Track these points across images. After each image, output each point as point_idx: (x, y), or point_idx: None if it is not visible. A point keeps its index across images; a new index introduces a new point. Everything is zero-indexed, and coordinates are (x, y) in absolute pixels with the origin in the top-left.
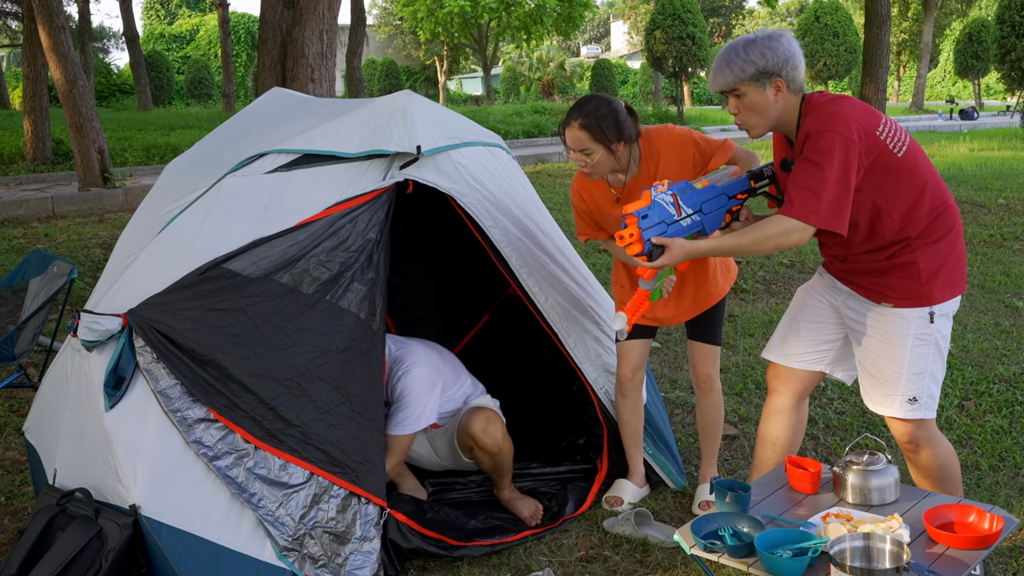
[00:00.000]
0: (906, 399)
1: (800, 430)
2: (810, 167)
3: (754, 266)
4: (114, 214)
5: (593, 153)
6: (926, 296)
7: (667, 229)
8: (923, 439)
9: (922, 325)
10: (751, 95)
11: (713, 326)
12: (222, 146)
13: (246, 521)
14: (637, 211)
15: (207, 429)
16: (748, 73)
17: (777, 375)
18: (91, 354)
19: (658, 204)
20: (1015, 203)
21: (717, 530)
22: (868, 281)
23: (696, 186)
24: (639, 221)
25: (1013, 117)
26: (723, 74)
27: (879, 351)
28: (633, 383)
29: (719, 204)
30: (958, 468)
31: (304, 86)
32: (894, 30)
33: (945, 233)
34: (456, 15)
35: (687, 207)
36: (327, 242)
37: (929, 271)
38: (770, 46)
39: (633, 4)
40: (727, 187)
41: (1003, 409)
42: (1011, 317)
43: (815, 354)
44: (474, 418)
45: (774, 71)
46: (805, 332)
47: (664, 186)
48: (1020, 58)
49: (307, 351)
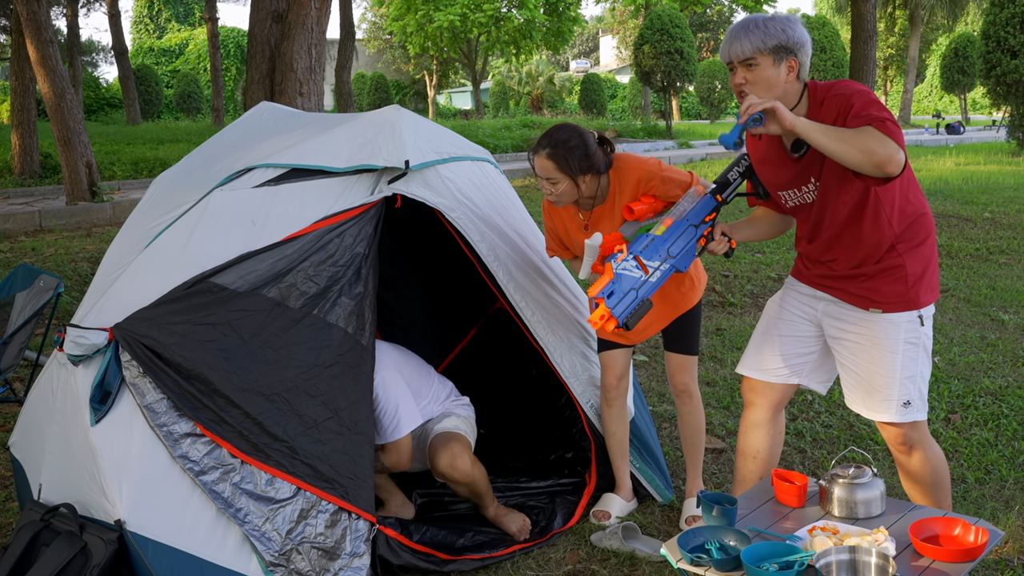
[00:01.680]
0: (901, 403)
1: (779, 441)
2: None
3: (742, 279)
4: (102, 228)
5: (559, 183)
6: (914, 300)
7: (637, 294)
8: (916, 441)
9: (912, 329)
10: (765, 68)
11: (688, 336)
12: (210, 160)
13: (232, 536)
14: (602, 291)
15: (193, 444)
16: (769, 45)
17: (753, 388)
18: (77, 368)
19: (620, 276)
20: (1001, 217)
21: (704, 544)
22: (854, 287)
23: (657, 232)
24: (606, 301)
25: (999, 132)
26: (741, 42)
27: (870, 358)
28: (618, 391)
29: (688, 238)
30: (948, 473)
31: (293, 100)
32: (881, 45)
33: (926, 237)
34: (446, 29)
35: (653, 261)
36: (315, 256)
37: (915, 275)
38: (791, 25)
39: (622, 19)
40: (691, 216)
41: (989, 422)
42: (997, 330)
43: (791, 367)
44: (440, 454)
45: (793, 49)
46: (781, 346)
47: (623, 253)
48: (1005, 73)
49: (294, 366)
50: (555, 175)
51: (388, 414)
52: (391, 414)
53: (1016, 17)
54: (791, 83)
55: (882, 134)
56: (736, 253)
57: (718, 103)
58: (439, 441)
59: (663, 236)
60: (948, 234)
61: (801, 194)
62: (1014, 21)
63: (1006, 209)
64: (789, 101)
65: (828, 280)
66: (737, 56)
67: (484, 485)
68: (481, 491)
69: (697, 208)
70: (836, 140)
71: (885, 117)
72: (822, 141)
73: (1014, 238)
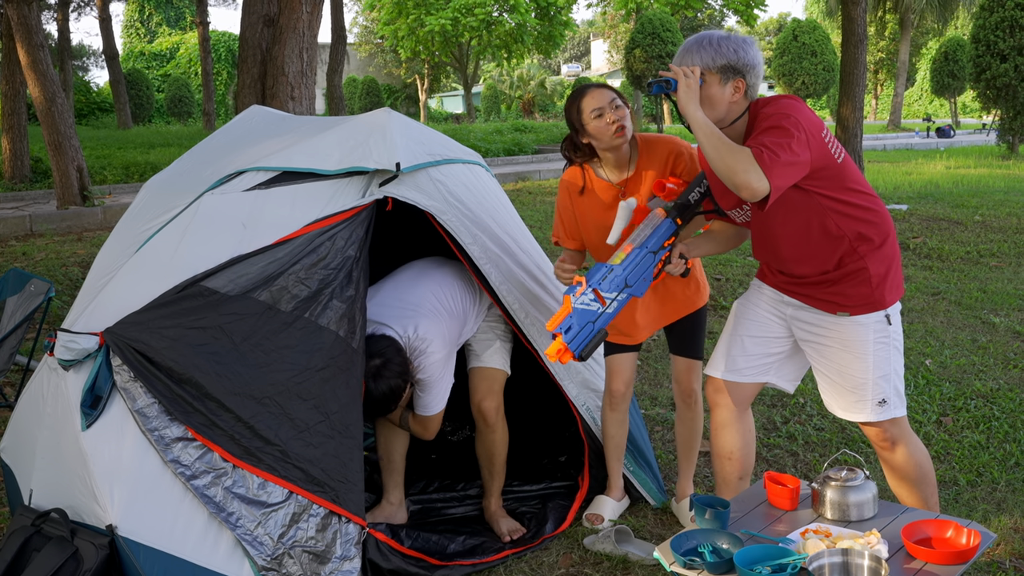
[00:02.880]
0: (876, 402)
1: (751, 438)
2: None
3: (733, 283)
4: (93, 232)
5: (622, 106)
6: (880, 300)
7: (594, 327)
8: (897, 436)
9: (880, 329)
10: (711, 85)
11: (695, 340)
12: (201, 164)
13: (224, 541)
14: (559, 326)
15: (185, 448)
16: (717, 64)
17: (718, 389)
18: (68, 373)
19: (578, 310)
20: (991, 220)
21: (697, 547)
22: (821, 292)
23: (615, 262)
24: (564, 336)
25: (989, 135)
26: (692, 57)
27: (842, 360)
28: (625, 396)
29: (645, 265)
30: (932, 468)
31: (284, 104)
32: (871, 49)
33: (885, 238)
34: (437, 34)
35: (610, 292)
36: (306, 259)
37: (879, 276)
38: (743, 47)
39: (613, 23)
40: (649, 242)
41: (980, 425)
42: (988, 333)
43: (760, 366)
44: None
45: (741, 71)
46: (751, 346)
47: (581, 287)
48: (995, 77)
49: (286, 369)
50: (617, 97)
51: (429, 391)
52: (431, 392)
53: (1005, 21)
54: (736, 102)
55: (753, 160)
56: (727, 257)
57: None
58: (478, 376)
59: (621, 265)
60: (939, 237)
61: (744, 212)
62: (1003, 25)
63: (996, 212)
64: (730, 118)
65: (793, 286)
66: None
67: (502, 449)
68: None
69: (658, 234)
70: (711, 148)
71: (768, 146)
72: (701, 141)
73: (1004, 241)
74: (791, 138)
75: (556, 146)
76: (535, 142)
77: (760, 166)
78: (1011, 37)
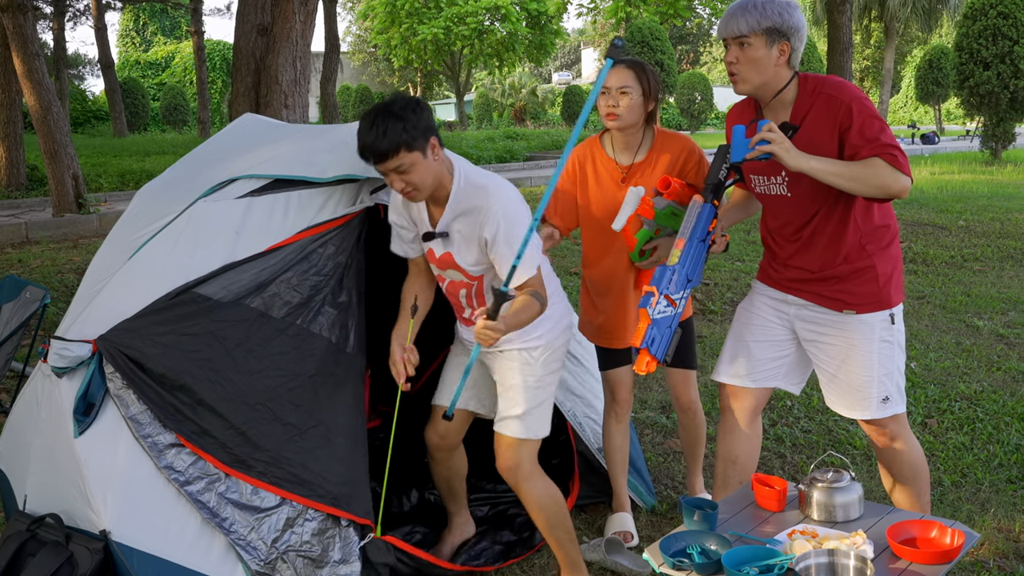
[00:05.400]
0: (880, 400)
1: (757, 444)
2: (877, 123)
3: (722, 287)
4: (88, 240)
5: (630, 93)
6: (886, 299)
7: (671, 329)
8: (896, 432)
9: (885, 328)
10: (758, 48)
11: (688, 349)
12: (194, 171)
13: (217, 545)
14: (644, 341)
15: (178, 454)
16: (763, 25)
17: (731, 394)
18: (61, 380)
19: (657, 320)
20: (975, 225)
21: (685, 548)
22: (827, 289)
23: (672, 261)
24: (650, 349)
25: (973, 141)
26: (737, 21)
27: (847, 359)
28: (628, 406)
29: (699, 255)
30: (927, 466)
31: (278, 112)
32: (857, 57)
33: (892, 238)
34: (430, 42)
35: (678, 292)
36: (298, 266)
37: (885, 275)
38: (787, 10)
39: (603, 31)
40: (698, 231)
41: (964, 426)
42: (972, 336)
43: (767, 371)
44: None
45: (786, 33)
46: (756, 351)
47: (655, 296)
48: (978, 84)
49: (278, 375)
50: (631, 84)
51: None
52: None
53: (988, 29)
54: (781, 67)
55: (893, 168)
56: (716, 261)
57: (698, 114)
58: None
59: (680, 263)
60: (924, 242)
61: (768, 184)
62: (986, 33)
63: (980, 217)
64: (777, 85)
65: (798, 284)
66: (732, 33)
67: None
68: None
69: (702, 222)
70: (849, 179)
71: (891, 145)
72: (834, 181)
73: (988, 246)
74: (886, 124)
75: (547, 153)
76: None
77: (896, 167)
78: (994, 45)
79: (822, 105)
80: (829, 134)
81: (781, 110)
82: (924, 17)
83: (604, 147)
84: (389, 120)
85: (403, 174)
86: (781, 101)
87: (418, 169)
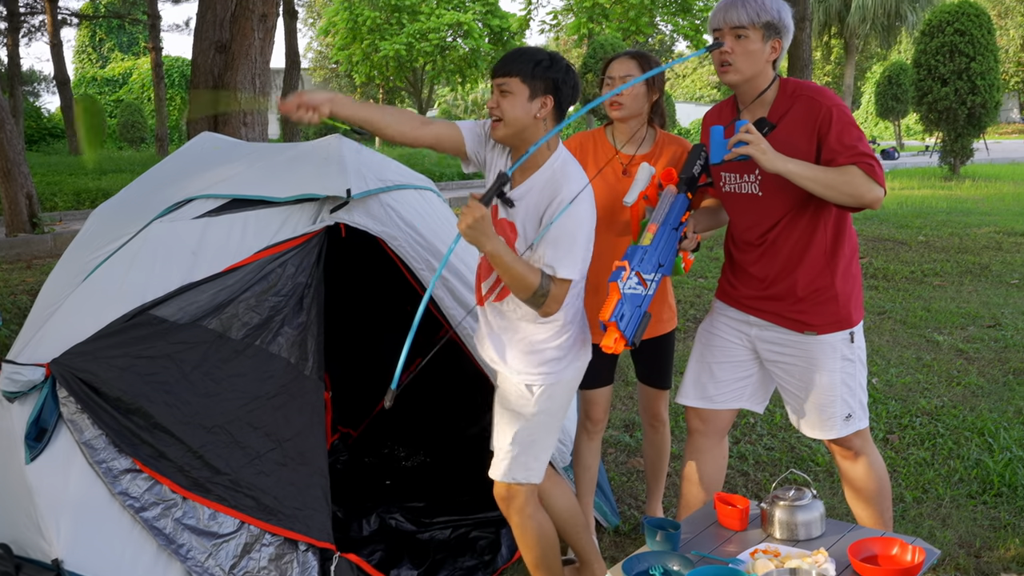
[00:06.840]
0: (843, 418)
1: (723, 465)
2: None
3: (685, 304)
4: (43, 260)
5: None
6: (846, 319)
7: (640, 310)
8: (860, 447)
9: (846, 346)
10: (754, 41)
11: (663, 368)
12: (150, 191)
13: (173, 573)
14: (612, 315)
15: (134, 480)
16: (762, 19)
17: (697, 416)
18: (13, 405)
19: (628, 295)
20: (935, 240)
21: (648, 569)
22: (787, 310)
23: (645, 242)
24: (619, 324)
25: (932, 157)
26: (737, 11)
27: (809, 380)
28: (602, 425)
29: (671, 242)
30: (889, 482)
31: (236, 131)
32: (817, 73)
33: (852, 256)
34: (391, 59)
35: (649, 274)
36: (256, 287)
37: (845, 295)
38: (784, 9)
39: (565, 48)
40: (671, 219)
41: (925, 442)
42: (932, 351)
43: (732, 392)
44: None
45: (780, 31)
46: (719, 372)
47: (626, 271)
48: (936, 100)
49: (237, 397)
50: (633, 73)
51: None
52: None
53: (946, 46)
54: (769, 64)
55: (868, 177)
56: (678, 280)
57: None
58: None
59: (652, 245)
60: (884, 257)
61: (740, 182)
62: (944, 50)
63: (939, 232)
64: (762, 83)
65: (759, 302)
66: (731, 22)
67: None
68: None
69: (675, 210)
70: (824, 185)
71: (869, 155)
72: (809, 185)
73: (947, 261)
74: (863, 134)
75: None
76: None
77: (872, 177)
78: (951, 62)
79: (802, 107)
80: (807, 136)
81: (760, 112)
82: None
83: (607, 134)
84: (540, 52)
85: (503, 95)
86: (762, 103)
87: (516, 103)
